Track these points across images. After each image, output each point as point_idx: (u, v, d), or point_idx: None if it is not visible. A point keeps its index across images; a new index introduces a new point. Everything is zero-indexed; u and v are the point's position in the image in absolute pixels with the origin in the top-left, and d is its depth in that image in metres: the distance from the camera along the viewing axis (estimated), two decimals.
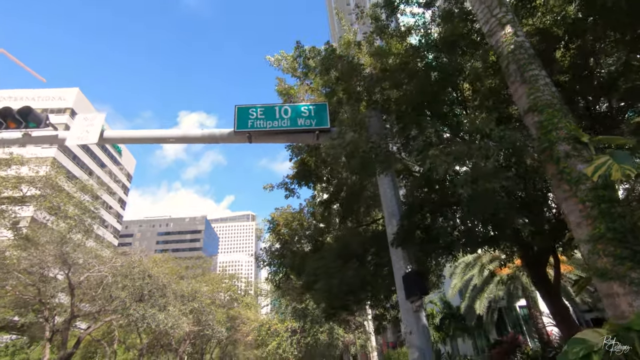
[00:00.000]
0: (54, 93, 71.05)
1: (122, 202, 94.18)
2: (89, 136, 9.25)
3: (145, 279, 22.85)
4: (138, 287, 22.25)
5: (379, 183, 9.28)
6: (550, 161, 4.80)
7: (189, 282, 30.82)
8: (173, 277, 28.53)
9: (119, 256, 25.27)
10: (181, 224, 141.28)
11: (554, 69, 7.40)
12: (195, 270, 40.65)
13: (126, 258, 23.98)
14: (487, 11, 6.30)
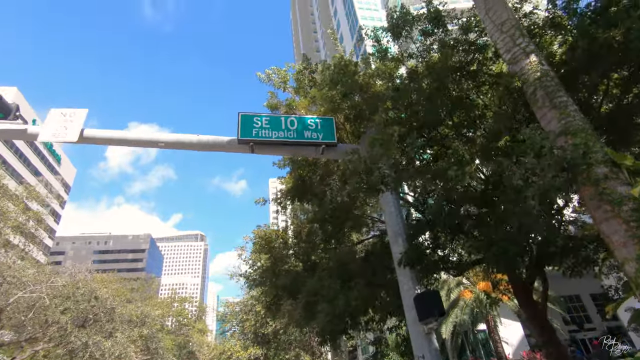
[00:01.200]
0: None
1: (57, 215, 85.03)
2: (67, 133, 8.18)
3: (91, 301, 20.28)
4: (82, 310, 19.64)
5: (383, 201, 9.18)
6: (587, 183, 4.98)
7: (137, 305, 27.98)
8: (120, 299, 25.75)
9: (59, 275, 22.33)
10: (123, 242, 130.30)
11: None
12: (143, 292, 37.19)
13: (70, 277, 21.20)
14: (510, 40, 6.65)
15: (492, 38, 7.22)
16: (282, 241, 12.57)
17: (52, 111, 8.61)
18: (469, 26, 9.20)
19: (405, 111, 9.00)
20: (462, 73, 9.49)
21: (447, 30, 10.05)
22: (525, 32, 6.84)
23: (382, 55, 10.61)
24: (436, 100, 8.69)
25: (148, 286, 44.37)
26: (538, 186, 4.23)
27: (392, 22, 10.07)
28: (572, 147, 5.25)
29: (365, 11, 55.41)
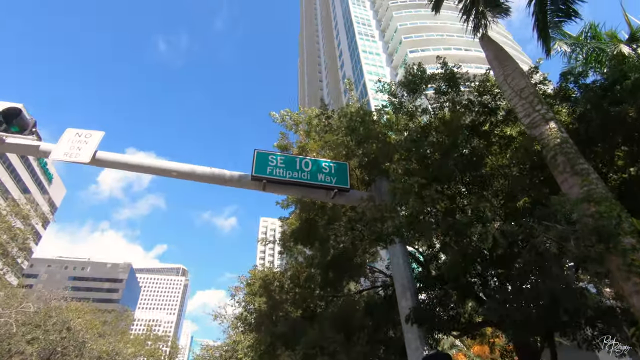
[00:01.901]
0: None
1: (38, 235, 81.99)
2: (80, 154, 8.07)
3: (62, 332, 18.85)
4: (51, 341, 18.17)
5: (391, 253, 8.96)
6: (614, 253, 4.90)
7: (109, 340, 26.06)
8: (92, 332, 24.01)
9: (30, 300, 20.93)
10: (101, 270, 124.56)
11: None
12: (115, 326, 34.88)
13: (43, 303, 19.87)
14: (529, 106, 6.92)
15: (510, 103, 7.52)
16: (279, 284, 12.06)
17: (68, 130, 8.56)
18: (484, 89, 9.62)
19: (418, 164, 9.11)
20: (474, 132, 9.78)
21: (460, 90, 10.53)
22: (542, 99, 7.15)
23: (396, 108, 10.98)
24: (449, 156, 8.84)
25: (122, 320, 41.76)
26: (575, 255, 4.14)
27: (408, 78, 10.54)
28: (606, 216, 5.24)
29: (370, 66, 58.50)
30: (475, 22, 9.63)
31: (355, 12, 70.64)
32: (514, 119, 9.73)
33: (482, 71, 11.53)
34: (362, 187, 10.90)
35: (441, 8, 10.88)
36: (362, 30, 66.27)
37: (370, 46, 63.04)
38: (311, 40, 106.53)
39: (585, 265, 4.32)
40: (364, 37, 64.15)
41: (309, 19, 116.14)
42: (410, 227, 7.16)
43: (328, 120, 10.37)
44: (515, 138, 9.67)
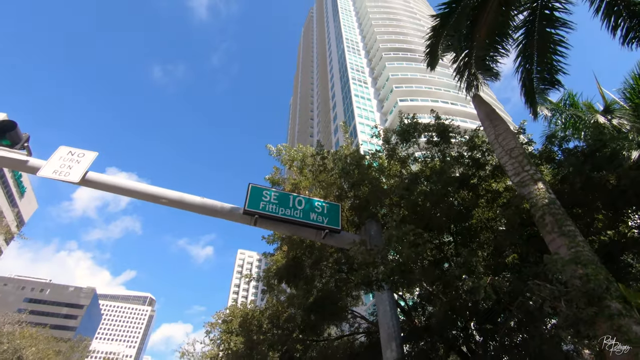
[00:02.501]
0: None
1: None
2: (70, 173, 7.88)
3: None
4: None
5: (378, 299, 8.81)
6: (602, 316, 4.98)
7: None
8: None
9: None
10: (61, 293, 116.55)
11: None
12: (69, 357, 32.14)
13: None
14: (519, 166, 7.27)
15: (501, 160, 7.89)
16: (257, 324, 11.55)
17: (61, 148, 8.41)
18: (474, 145, 10.09)
19: (410, 211, 9.26)
20: (463, 184, 10.11)
21: (451, 143, 11.00)
22: (531, 160, 7.54)
23: (390, 154, 11.33)
24: (439, 206, 9.06)
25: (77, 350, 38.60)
26: (566, 316, 4.20)
27: (403, 127, 11.00)
28: (593, 279, 5.38)
29: (362, 110, 60.69)
30: (468, 82, 10.29)
31: (351, 58, 74.38)
32: (501, 174, 10.16)
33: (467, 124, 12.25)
34: (351, 229, 10.91)
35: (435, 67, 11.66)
36: (356, 76, 69.47)
37: (362, 91, 65.80)
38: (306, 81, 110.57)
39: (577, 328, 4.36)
40: (357, 83, 67.11)
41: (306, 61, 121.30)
42: (402, 274, 7.13)
43: (323, 161, 10.55)
44: (502, 193, 10.04)
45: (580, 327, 4.23)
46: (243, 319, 11.08)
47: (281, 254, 11.51)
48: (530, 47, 10.28)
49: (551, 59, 10.29)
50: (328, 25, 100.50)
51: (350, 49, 78.12)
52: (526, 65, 10.52)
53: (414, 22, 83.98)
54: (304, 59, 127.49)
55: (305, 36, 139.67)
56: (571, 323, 4.25)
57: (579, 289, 4.49)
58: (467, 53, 10.40)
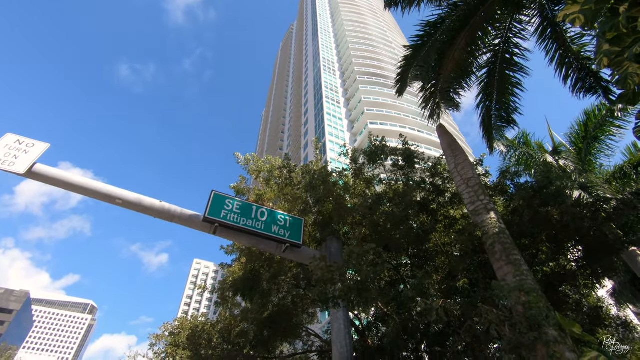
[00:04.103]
0: None
1: None
2: (15, 162, 7.30)
3: None
4: None
5: (333, 316, 8.78)
6: (540, 342, 5.29)
7: None
8: None
9: None
10: None
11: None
12: None
13: None
14: (474, 195, 7.69)
15: (459, 189, 8.31)
16: (207, 338, 11.05)
17: (8, 136, 7.81)
18: (436, 172, 10.55)
19: (371, 230, 9.42)
20: (423, 209, 10.50)
21: (414, 168, 11.44)
22: (486, 190, 8.01)
23: (356, 174, 11.56)
24: (399, 227, 9.31)
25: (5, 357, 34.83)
26: (509, 340, 4.41)
27: (371, 148, 11.31)
28: (534, 307, 5.71)
29: (332, 129, 61.70)
30: (432, 111, 10.85)
31: (326, 77, 75.96)
32: (459, 202, 10.67)
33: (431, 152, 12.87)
34: (312, 245, 10.89)
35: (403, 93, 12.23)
36: (330, 95, 70.88)
37: (334, 110, 67.09)
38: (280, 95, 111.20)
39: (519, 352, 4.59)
40: (330, 101, 68.41)
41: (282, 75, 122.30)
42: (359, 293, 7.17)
43: (290, 174, 10.55)
44: (458, 220, 10.52)
45: (522, 351, 4.46)
46: (192, 331, 10.55)
47: (239, 265, 11.21)
48: (491, 86, 11.07)
49: (509, 99, 11.11)
50: (307, 42, 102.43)
51: (326, 68, 79.86)
52: (486, 102, 11.28)
53: (388, 50, 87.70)
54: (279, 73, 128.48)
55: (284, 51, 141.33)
56: (514, 347, 4.47)
57: (522, 314, 4.75)
58: (434, 84, 11.01)
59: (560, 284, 9.15)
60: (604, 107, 13.48)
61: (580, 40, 9.62)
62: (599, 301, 10.61)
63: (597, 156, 14.44)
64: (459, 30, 10.26)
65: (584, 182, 12.73)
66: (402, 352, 6.83)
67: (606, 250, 8.76)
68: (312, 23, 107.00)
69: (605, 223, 8.53)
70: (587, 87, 9.77)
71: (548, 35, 9.96)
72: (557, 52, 9.92)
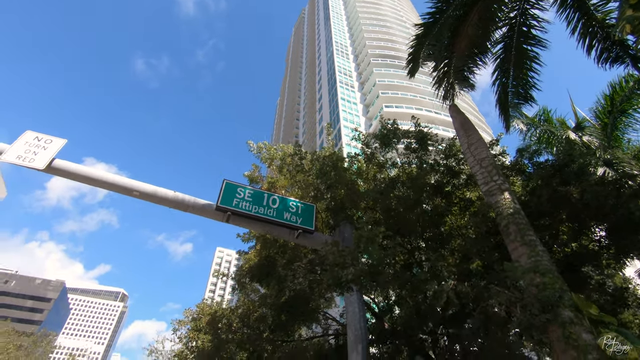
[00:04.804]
0: None
1: None
2: (35, 159, 7.60)
3: None
4: None
5: (347, 301, 8.87)
6: (554, 323, 5.17)
7: None
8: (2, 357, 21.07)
9: None
10: (28, 285, 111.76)
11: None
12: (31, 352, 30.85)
13: None
14: (488, 175, 7.48)
15: (472, 169, 8.10)
16: (227, 322, 11.40)
17: (28, 133, 8.11)
18: (450, 153, 10.31)
19: (383, 214, 9.36)
20: (437, 191, 10.32)
21: (428, 150, 11.21)
22: (500, 170, 7.77)
23: (368, 158, 11.44)
24: (413, 211, 9.21)
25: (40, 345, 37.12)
26: (520, 321, 4.34)
27: (383, 132, 11.13)
28: (550, 288, 5.58)
29: (347, 114, 61.07)
30: (445, 92, 10.52)
31: (339, 62, 74.80)
32: (474, 183, 10.42)
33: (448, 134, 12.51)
34: (326, 230, 10.93)
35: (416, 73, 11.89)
36: (344, 79, 69.90)
37: (348, 95, 66.25)
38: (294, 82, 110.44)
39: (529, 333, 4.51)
40: (344, 86, 67.52)
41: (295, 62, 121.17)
42: (371, 276, 7.19)
43: (301, 161, 10.56)
44: (474, 202, 10.29)
45: (532, 332, 4.37)
46: (211, 317, 10.90)
47: (255, 252, 11.42)
48: (507, 62, 10.60)
49: (526, 74, 10.64)
50: (319, 27, 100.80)
51: (339, 52, 78.56)
52: (502, 79, 10.84)
53: (403, 29, 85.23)
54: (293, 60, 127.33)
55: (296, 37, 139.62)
56: (524, 328, 4.39)
57: (535, 296, 4.64)
58: (447, 63, 10.64)
59: (582, 264, 8.86)
60: (632, 78, 12.71)
61: (605, 6, 9.07)
62: (626, 282, 10.24)
63: (624, 131, 13.69)
64: (472, 5, 9.82)
65: (609, 158, 12.15)
66: (417, 334, 6.84)
67: (631, 229, 8.39)
68: (323, 6, 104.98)
69: (630, 200, 8.15)
70: (613, 57, 9.24)
71: (569, 4, 9.42)
72: (579, 21, 9.38)
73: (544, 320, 4.48)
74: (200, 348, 10.50)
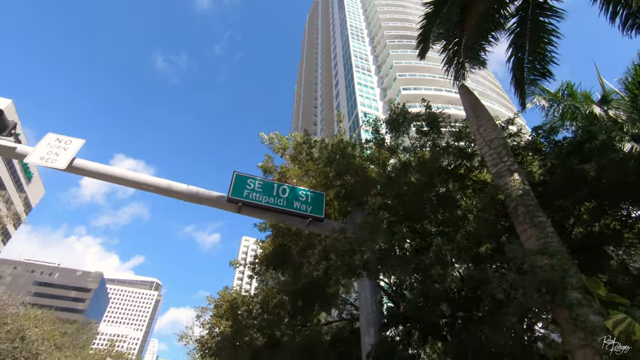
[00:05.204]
0: None
1: (7, 235, 78.77)
2: (57, 159, 8.05)
3: (15, 341, 17.81)
4: (2, 350, 17.12)
5: (359, 286, 9.01)
6: (562, 305, 5.08)
7: (65, 354, 24.66)
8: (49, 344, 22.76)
9: None
10: (69, 277, 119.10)
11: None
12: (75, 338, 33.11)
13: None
14: (497, 156, 7.29)
15: (481, 151, 7.90)
16: (247, 309, 11.82)
17: (49, 135, 8.57)
18: (461, 134, 10.07)
19: (393, 200, 9.33)
20: (451, 174, 10.13)
21: (441, 132, 10.97)
22: (510, 151, 7.54)
23: (378, 143, 11.34)
24: (423, 195, 9.12)
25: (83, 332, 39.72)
26: (518, 303, 4.30)
27: (392, 116, 10.97)
28: (551, 269, 5.47)
29: (364, 99, 60.20)
30: (455, 72, 10.21)
31: (354, 45, 73.40)
32: None
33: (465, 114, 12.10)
34: (339, 218, 11.03)
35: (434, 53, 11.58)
36: (359, 63, 68.66)
37: (365, 79, 65.14)
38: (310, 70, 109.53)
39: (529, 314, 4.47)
40: (360, 71, 66.38)
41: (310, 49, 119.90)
42: (379, 262, 7.25)
43: (310, 150, 10.62)
44: (489, 184, 10.05)
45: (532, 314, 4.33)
46: (230, 304, 11.34)
47: (270, 241, 11.70)
48: (522, 37, 10.14)
49: (544, 48, 10.16)
50: (333, 11, 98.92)
51: (354, 36, 77.01)
52: (518, 54, 10.40)
53: (419, 7, 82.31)
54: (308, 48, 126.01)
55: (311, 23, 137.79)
56: (523, 311, 4.35)
57: (537, 278, 4.58)
58: (457, 42, 10.29)
59: (603, 244, 8.55)
60: None
61: None
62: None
63: None
64: None
65: (637, 132, 11.50)
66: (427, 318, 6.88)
67: None
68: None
69: None
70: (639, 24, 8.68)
71: None
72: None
73: (544, 301, 4.42)
74: (222, 333, 10.97)
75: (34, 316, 23.16)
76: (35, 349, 18.87)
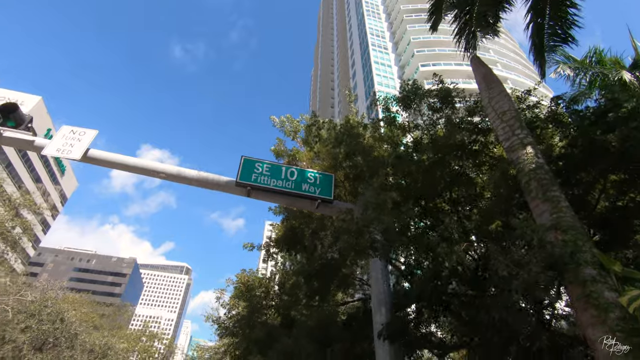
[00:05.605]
0: (14, 95, 66.06)
1: (46, 225, 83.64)
2: (72, 151, 8.34)
3: (55, 322, 19.14)
4: (44, 331, 18.46)
5: (372, 267, 8.98)
6: (575, 282, 4.86)
7: (103, 334, 26.33)
8: (87, 325, 24.34)
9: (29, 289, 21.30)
10: (106, 263, 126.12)
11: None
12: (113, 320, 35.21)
13: (40, 293, 20.27)
14: (509, 130, 6.94)
15: (493, 125, 7.55)
16: (265, 290, 12.11)
17: (64, 128, 8.86)
18: (474, 109, 9.65)
19: (404, 179, 9.14)
20: (465, 151, 9.78)
21: (455, 108, 10.54)
22: (524, 123, 7.16)
23: (390, 122, 11.05)
24: (435, 173, 8.86)
25: (120, 314, 42.16)
26: (522, 280, 4.14)
27: (404, 93, 10.62)
28: (561, 244, 5.22)
29: (382, 78, 58.76)
30: (466, 42, 9.71)
31: (370, 23, 71.21)
32: None
33: None
34: (351, 199, 10.95)
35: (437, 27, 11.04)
36: (376, 41, 66.69)
37: (382, 58, 63.36)
38: (326, 51, 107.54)
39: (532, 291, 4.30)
40: (377, 49, 64.55)
41: (326, 30, 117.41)
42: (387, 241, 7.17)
43: (318, 131, 10.50)
44: (505, 159, 9.63)
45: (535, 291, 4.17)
46: (246, 285, 11.64)
47: (283, 224, 11.82)
48: (542, 1, 9.49)
49: (566, 12, 9.51)
50: None
51: (370, 12, 74.61)
52: (537, 19, 9.76)
53: None
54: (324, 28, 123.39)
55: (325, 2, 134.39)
56: (527, 287, 4.19)
57: (544, 253, 4.38)
58: (469, 9, 9.72)
59: (627, 218, 8.08)
60: None
61: None
62: None
63: None
64: None
65: None
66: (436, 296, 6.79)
67: None
68: None
69: None
70: None
71: None
72: None
73: (549, 277, 4.23)
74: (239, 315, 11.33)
75: (71, 300, 24.73)
76: (74, 330, 20.24)
